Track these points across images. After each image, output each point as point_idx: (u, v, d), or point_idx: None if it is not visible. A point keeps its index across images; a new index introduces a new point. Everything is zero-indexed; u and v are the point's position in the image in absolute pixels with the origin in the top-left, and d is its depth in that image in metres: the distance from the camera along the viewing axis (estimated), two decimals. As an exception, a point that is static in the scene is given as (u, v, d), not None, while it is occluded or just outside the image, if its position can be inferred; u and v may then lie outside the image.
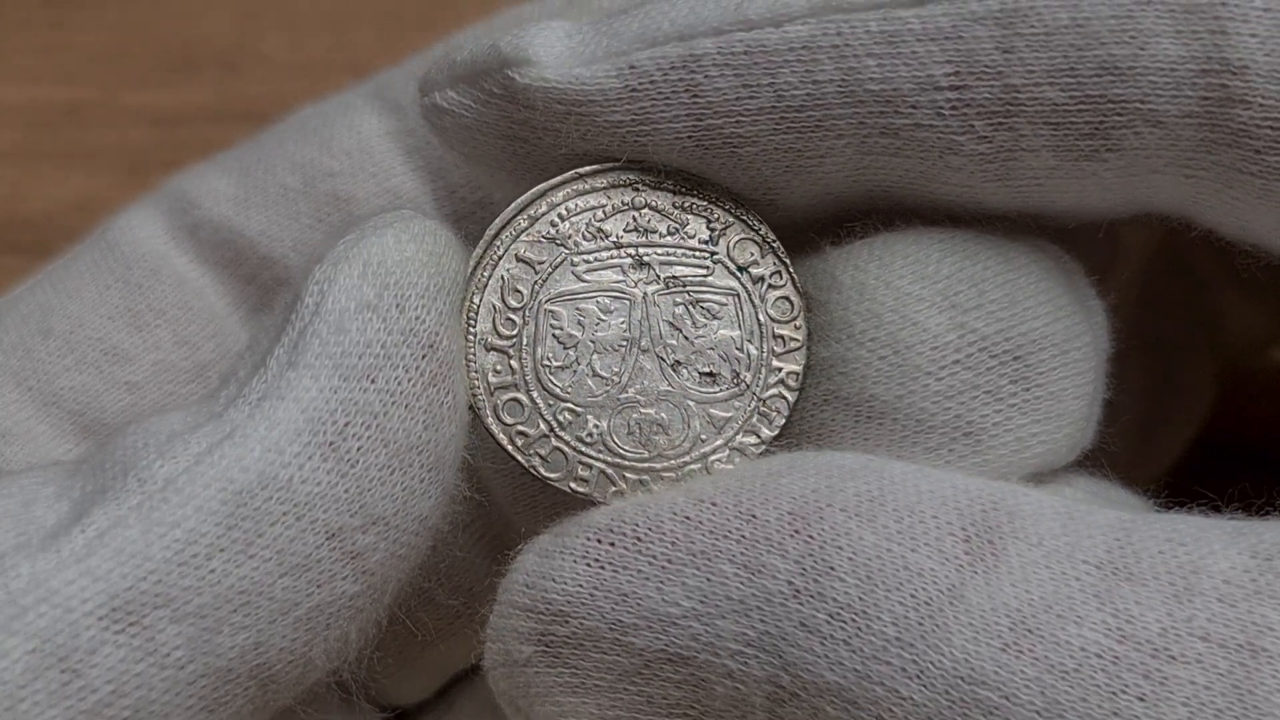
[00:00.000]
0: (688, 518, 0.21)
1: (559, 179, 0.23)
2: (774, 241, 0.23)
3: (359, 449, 0.20)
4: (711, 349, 0.23)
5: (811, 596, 0.20)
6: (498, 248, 0.23)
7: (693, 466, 0.22)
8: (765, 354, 0.23)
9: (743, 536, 0.20)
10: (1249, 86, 0.21)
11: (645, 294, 0.23)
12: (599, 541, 0.21)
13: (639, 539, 0.21)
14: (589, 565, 0.21)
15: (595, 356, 0.22)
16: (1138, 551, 0.20)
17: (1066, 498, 0.22)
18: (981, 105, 0.21)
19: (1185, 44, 0.21)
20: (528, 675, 0.21)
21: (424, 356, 0.21)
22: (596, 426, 0.22)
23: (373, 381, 0.21)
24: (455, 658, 0.27)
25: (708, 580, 0.20)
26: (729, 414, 0.23)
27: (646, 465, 0.22)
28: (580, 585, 0.21)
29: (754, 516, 0.21)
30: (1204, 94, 0.21)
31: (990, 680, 0.19)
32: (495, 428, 0.22)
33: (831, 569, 0.20)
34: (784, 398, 0.23)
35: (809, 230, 0.24)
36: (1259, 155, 0.21)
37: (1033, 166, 0.22)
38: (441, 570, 0.25)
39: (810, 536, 0.20)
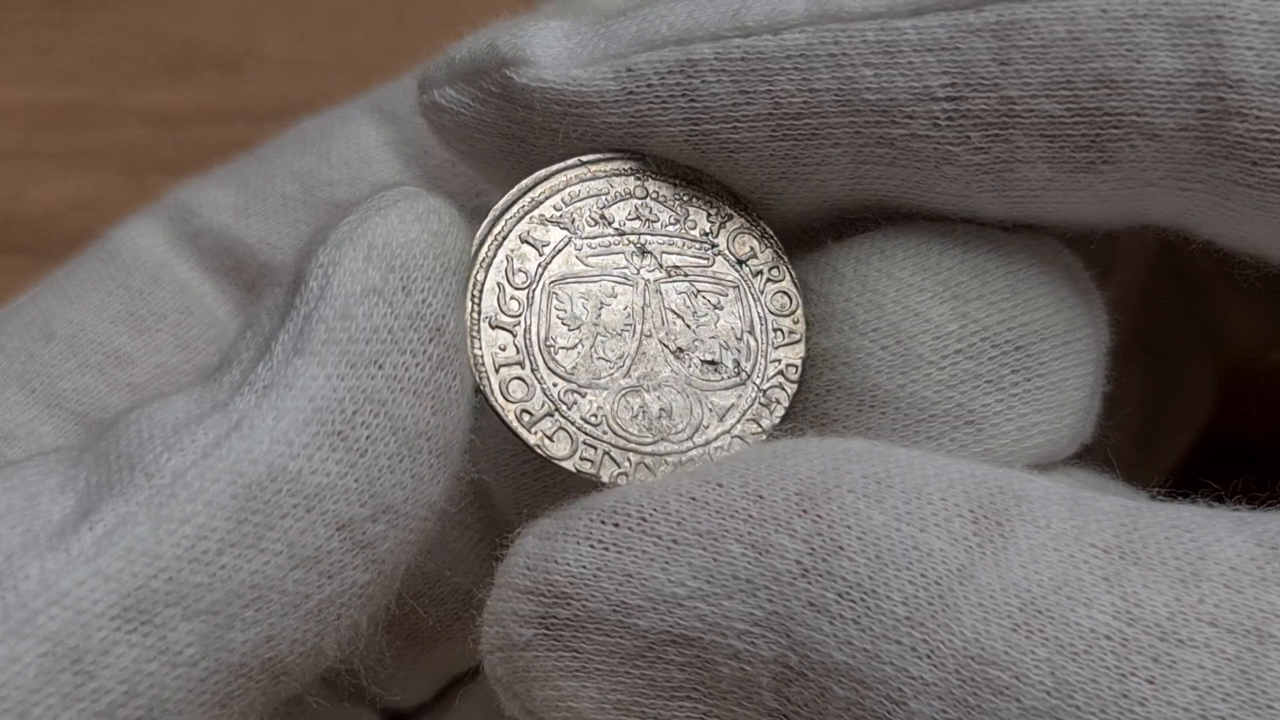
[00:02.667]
0: (694, 498, 0.21)
1: (562, 164, 0.23)
2: (772, 236, 0.24)
3: (368, 438, 0.20)
4: (713, 338, 0.23)
5: (820, 576, 0.20)
6: (502, 226, 0.23)
7: (695, 452, 0.22)
8: (765, 345, 0.23)
9: (750, 516, 0.20)
10: (1245, 99, 0.21)
11: (648, 281, 0.23)
12: (603, 522, 0.21)
13: (644, 519, 0.21)
14: (592, 546, 0.21)
15: (599, 339, 0.22)
16: (1144, 536, 0.20)
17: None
18: (978, 117, 0.22)
19: (1181, 57, 0.21)
20: (527, 659, 0.21)
21: (431, 340, 0.21)
22: (601, 408, 0.22)
23: (380, 368, 0.20)
24: (454, 659, 0.27)
25: (714, 560, 0.20)
26: (731, 402, 0.23)
27: (650, 449, 0.22)
28: (583, 566, 0.21)
29: (761, 497, 0.20)
30: (1200, 107, 0.21)
31: (1001, 660, 0.19)
32: (501, 406, 0.22)
33: (840, 548, 0.20)
34: (784, 388, 0.23)
35: (809, 225, 0.24)
36: (1256, 167, 0.21)
37: (1029, 178, 0.22)
38: (442, 554, 0.25)
39: (819, 516, 0.20)
